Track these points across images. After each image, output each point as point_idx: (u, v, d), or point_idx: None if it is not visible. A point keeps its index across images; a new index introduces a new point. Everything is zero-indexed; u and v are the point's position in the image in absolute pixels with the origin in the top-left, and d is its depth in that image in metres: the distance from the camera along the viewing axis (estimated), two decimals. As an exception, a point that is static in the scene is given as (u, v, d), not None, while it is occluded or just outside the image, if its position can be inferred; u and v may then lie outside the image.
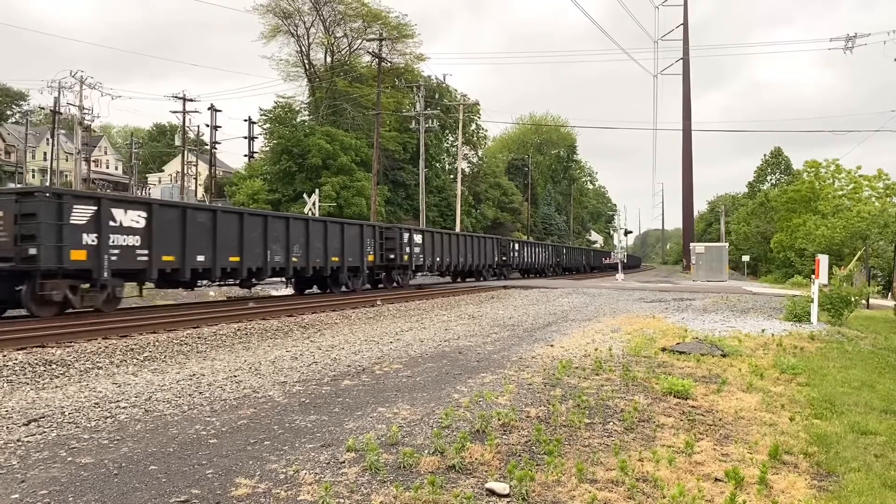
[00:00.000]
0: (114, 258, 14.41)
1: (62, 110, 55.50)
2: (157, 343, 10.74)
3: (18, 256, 13.15)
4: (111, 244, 14.35)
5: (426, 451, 4.80)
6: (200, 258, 16.55)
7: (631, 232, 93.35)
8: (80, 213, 13.81)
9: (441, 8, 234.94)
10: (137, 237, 14.95)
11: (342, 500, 3.95)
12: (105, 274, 14.26)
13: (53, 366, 8.65)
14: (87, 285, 14.31)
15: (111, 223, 14.37)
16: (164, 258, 15.61)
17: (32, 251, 13.07)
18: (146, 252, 15.18)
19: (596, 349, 10.02)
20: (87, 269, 14.01)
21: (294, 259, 19.88)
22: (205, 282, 18.57)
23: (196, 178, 69.46)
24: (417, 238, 27.66)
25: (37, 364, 8.67)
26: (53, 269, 13.37)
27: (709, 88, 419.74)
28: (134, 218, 14.96)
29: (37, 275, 13.27)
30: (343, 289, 22.72)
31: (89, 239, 13.92)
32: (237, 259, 17.80)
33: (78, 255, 13.70)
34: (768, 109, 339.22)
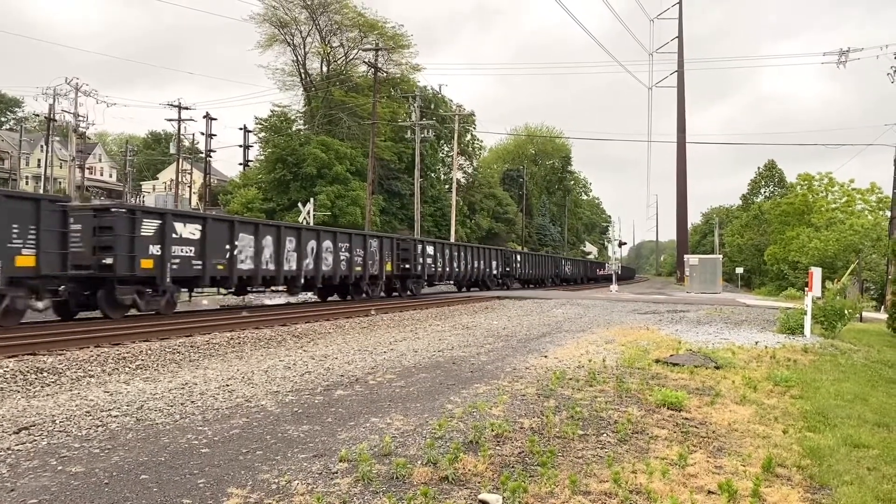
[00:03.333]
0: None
1: (57, 117, 55.40)
2: (149, 351, 10.69)
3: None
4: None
5: (419, 462, 4.78)
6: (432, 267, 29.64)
7: (625, 243, 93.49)
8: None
9: (447, 17, 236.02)
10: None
11: (334, 511, 3.93)
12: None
13: (45, 374, 8.60)
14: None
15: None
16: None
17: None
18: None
19: (590, 360, 10.03)
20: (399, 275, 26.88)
21: (467, 269, 34.08)
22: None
23: (191, 187, 69.32)
24: (519, 257, 43.29)
25: (28, 372, 8.62)
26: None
27: (714, 101, 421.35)
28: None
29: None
30: (487, 289, 36.74)
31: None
32: (453, 269, 32.01)
33: (391, 268, 26.07)
34: (771, 122, 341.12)
